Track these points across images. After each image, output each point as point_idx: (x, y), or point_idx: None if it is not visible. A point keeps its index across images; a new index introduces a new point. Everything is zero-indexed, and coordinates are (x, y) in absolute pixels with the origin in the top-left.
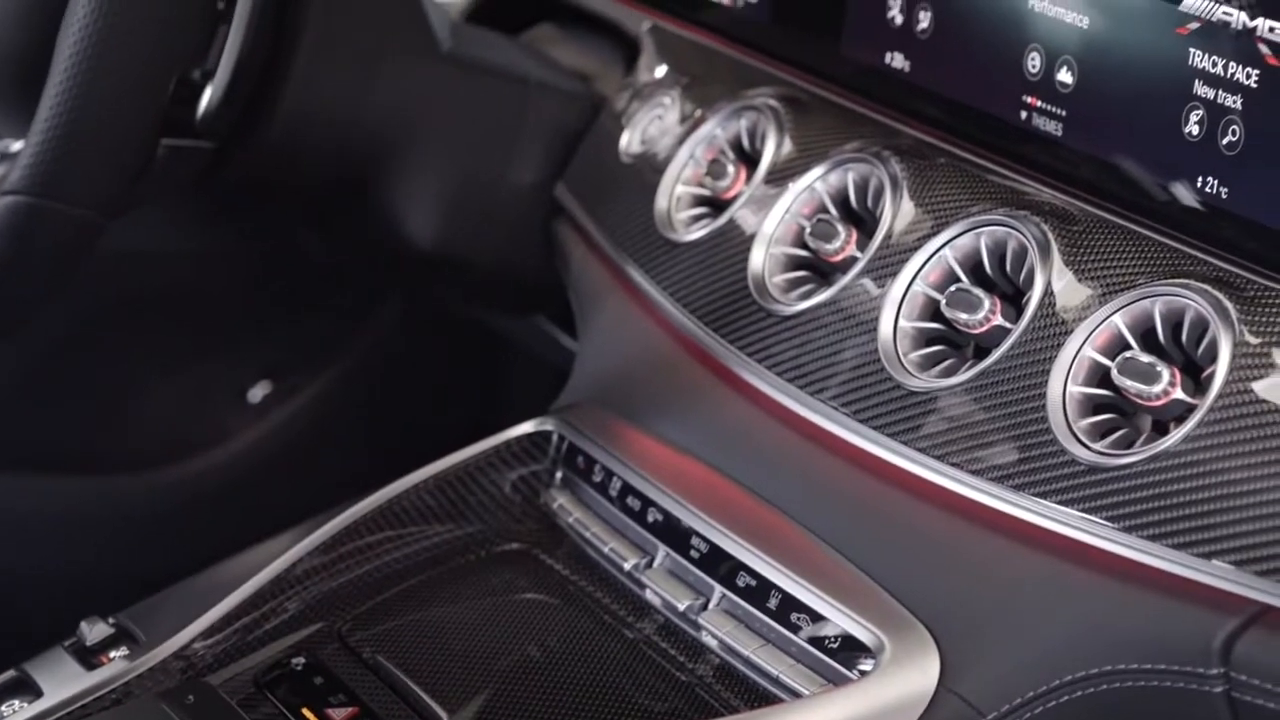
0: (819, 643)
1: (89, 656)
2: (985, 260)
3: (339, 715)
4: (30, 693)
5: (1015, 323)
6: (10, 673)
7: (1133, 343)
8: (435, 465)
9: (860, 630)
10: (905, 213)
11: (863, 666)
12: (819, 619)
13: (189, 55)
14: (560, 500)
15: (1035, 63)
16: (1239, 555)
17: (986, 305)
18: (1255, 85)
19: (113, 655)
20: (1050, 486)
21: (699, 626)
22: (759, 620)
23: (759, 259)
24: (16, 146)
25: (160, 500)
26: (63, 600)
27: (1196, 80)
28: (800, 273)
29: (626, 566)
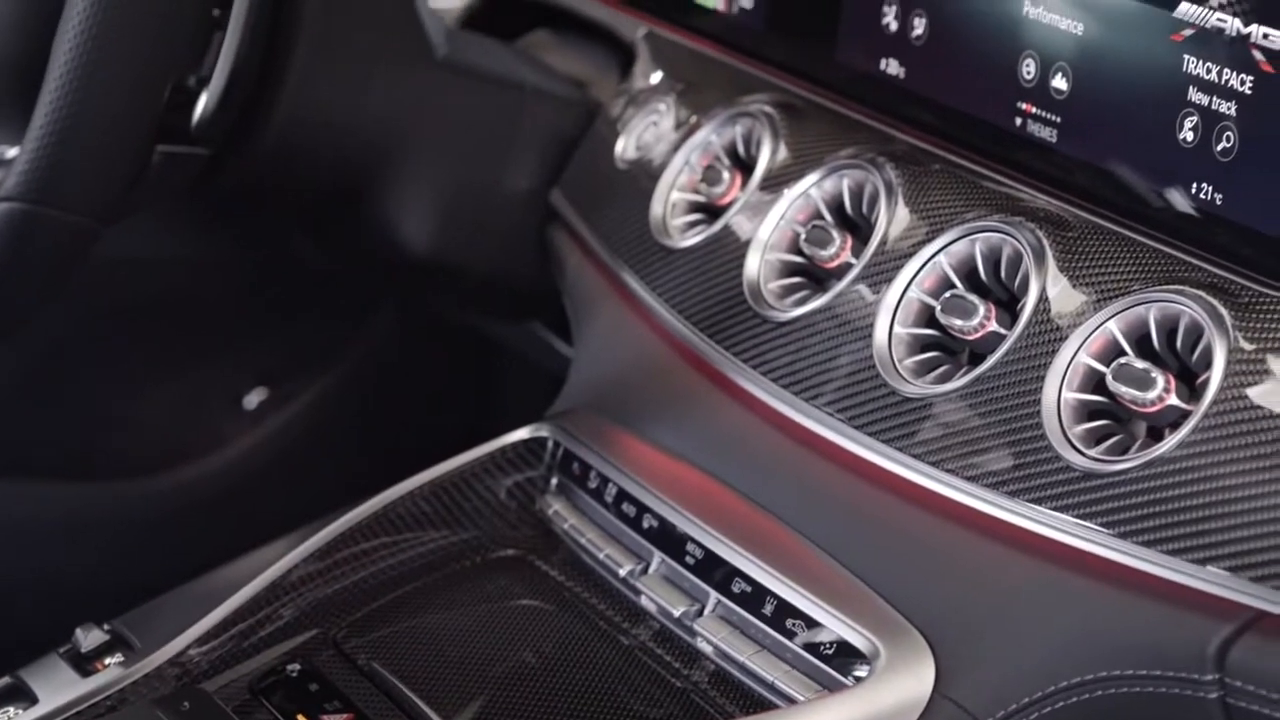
0: (814, 649)
1: (84, 663)
2: (980, 266)
3: None
4: (25, 699)
5: (1010, 329)
6: (5, 679)
7: (1127, 349)
8: (430, 471)
9: (855, 636)
10: (900, 219)
11: (858, 673)
12: (814, 625)
13: (184, 61)
14: (555, 506)
15: (1030, 69)
16: (1234, 561)
17: (981, 311)
18: (1249, 91)
19: (108, 662)
20: (1045, 493)
21: (694, 633)
22: (754, 626)
23: (754, 265)
24: (12, 153)
25: (155, 506)
26: (58, 606)
27: (1191, 87)
28: (795, 279)
29: (622, 573)
